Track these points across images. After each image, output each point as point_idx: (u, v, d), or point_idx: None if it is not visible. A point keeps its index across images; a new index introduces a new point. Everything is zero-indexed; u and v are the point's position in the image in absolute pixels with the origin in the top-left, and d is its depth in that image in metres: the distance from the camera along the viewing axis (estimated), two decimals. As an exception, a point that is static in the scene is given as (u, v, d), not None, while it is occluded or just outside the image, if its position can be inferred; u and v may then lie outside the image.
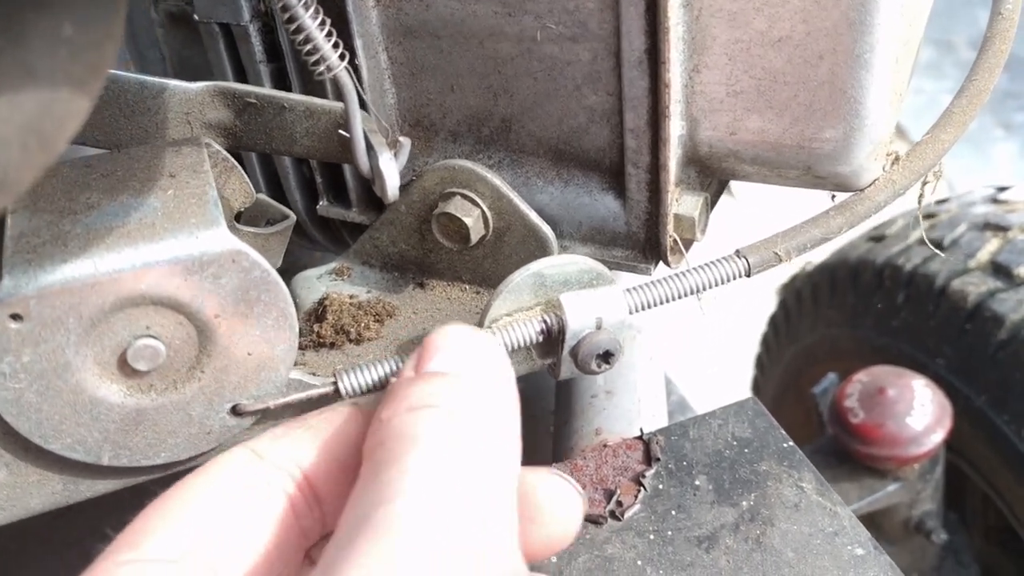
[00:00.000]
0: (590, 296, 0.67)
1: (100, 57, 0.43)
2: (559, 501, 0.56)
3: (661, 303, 0.69)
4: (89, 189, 0.63)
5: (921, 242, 1.40)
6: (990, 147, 3.66)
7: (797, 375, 1.66)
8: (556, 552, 0.58)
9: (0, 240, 0.60)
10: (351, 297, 0.79)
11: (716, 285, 0.69)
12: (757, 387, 1.84)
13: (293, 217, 0.75)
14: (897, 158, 0.73)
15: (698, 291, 0.69)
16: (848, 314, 1.52)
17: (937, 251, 1.34)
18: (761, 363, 1.80)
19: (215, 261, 0.60)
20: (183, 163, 0.65)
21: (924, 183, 0.80)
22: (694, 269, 0.68)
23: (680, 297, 0.69)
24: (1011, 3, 0.77)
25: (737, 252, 0.69)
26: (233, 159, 0.71)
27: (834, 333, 1.56)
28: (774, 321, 1.74)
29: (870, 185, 0.71)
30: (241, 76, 0.79)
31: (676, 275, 0.68)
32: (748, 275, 0.70)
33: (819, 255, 1.61)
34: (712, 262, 0.69)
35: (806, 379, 1.58)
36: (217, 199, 0.62)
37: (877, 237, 1.51)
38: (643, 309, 0.68)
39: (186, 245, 0.59)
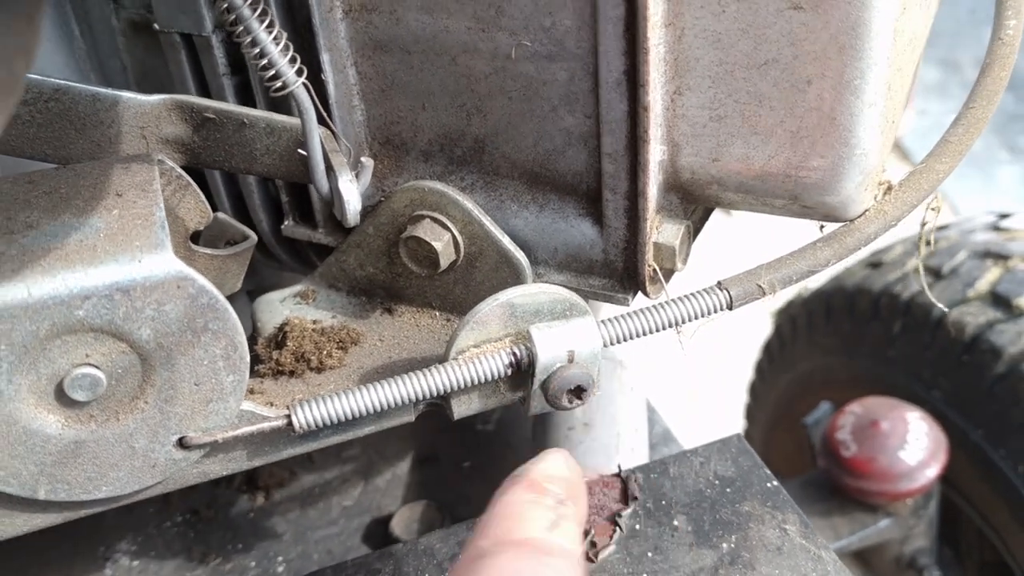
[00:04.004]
0: (562, 328, 0.63)
1: (9, 73, 0.40)
2: None
3: (637, 336, 0.65)
4: (30, 207, 0.59)
5: (918, 272, 1.36)
6: (995, 170, 3.62)
7: (791, 403, 1.62)
8: None
9: None
10: (314, 322, 0.76)
11: (696, 318, 0.66)
12: (750, 415, 1.80)
13: (254, 237, 0.71)
14: (890, 187, 0.69)
15: (677, 324, 0.65)
16: (844, 342, 1.48)
17: (930, 295, 1.30)
18: (755, 390, 1.76)
19: (159, 287, 0.56)
20: (131, 181, 0.62)
21: (923, 225, 0.77)
22: (673, 301, 0.65)
23: (657, 330, 0.65)
24: (1012, 28, 0.74)
25: (719, 284, 0.66)
26: (189, 177, 0.67)
27: (829, 361, 1.52)
28: (768, 348, 1.70)
29: (860, 216, 0.67)
30: (204, 89, 0.75)
31: (654, 307, 0.65)
32: (730, 308, 0.66)
33: (815, 281, 1.58)
34: (692, 294, 0.65)
35: (800, 408, 1.54)
36: (164, 220, 0.58)
37: (875, 264, 1.47)
38: (618, 342, 0.65)
39: (128, 270, 0.56)
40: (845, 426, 1.21)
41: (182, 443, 0.62)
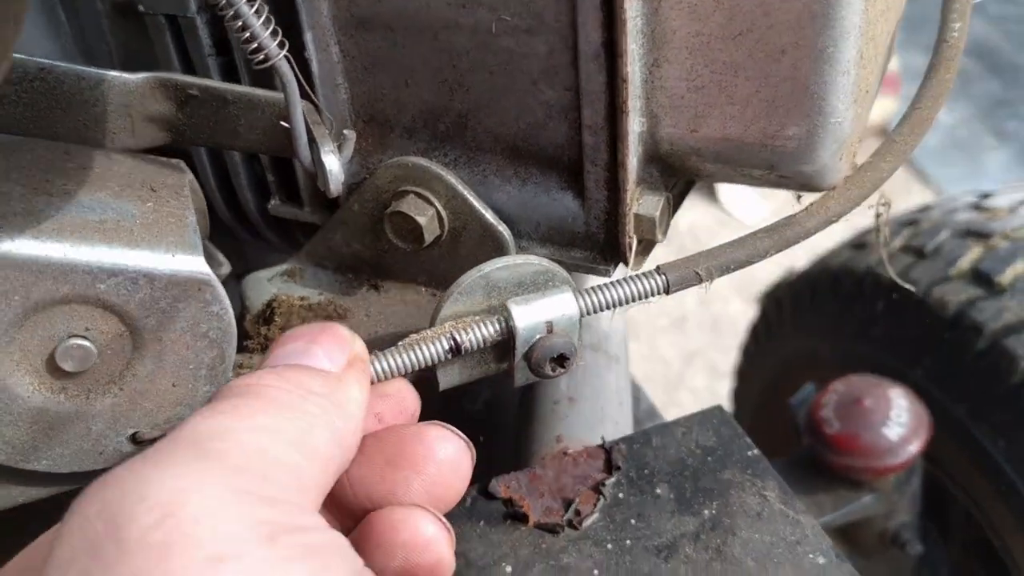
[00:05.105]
0: (539, 300, 0.64)
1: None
2: (445, 451, 0.56)
3: (584, 315, 0.66)
4: (65, 176, 0.61)
5: (901, 249, 1.38)
6: (982, 155, 3.64)
7: (777, 385, 1.64)
8: (447, 508, 0.57)
9: None
10: (302, 299, 0.77)
11: (633, 300, 0.66)
12: (737, 398, 1.81)
13: (228, 268, 0.73)
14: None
15: (613, 306, 0.66)
16: (829, 323, 1.49)
17: (905, 285, 1.31)
18: (741, 373, 1.78)
19: (181, 284, 0.58)
20: (164, 181, 0.64)
21: (878, 216, 0.78)
22: (610, 284, 0.65)
23: (597, 311, 0.66)
24: (956, 31, 0.75)
25: (658, 268, 0.67)
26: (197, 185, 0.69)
27: (814, 342, 1.54)
28: (754, 330, 1.72)
29: (836, 184, 0.69)
30: (189, 70, 0.76)
31: (593, 288, 0.65)
32: (667, 292, 0.67)
33: (800, 263, 1.59)
34: (631, 277, 0.66)
35: (786, 389, 1.56)
36: (196, 226, 0.61)
37: (859, 245, 1.49)
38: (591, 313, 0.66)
39: (161, 259, 0.58)
40: (829, 404, 1.22)
41: (135, 438, 0.63)
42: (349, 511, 0.56)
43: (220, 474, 0.41)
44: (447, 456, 0.56)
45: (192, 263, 0.59)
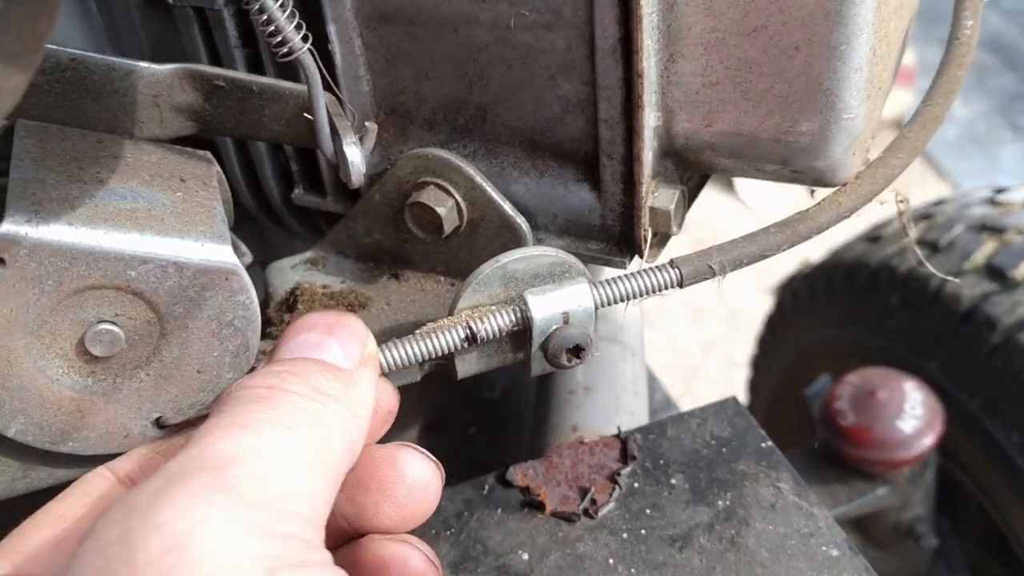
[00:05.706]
0: (555, 291, 0.65)
1: (34, 31, 0.42)
2: (414, 474, 0.57)
3: (600, 306, 0.67)
4: (98, 164, 0.62)
5: (916, 243, 1.38)
6: (998, 149, 3.63)
7: (793, 377, 1.65)
8: (416, 525, 0.58)
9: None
10: (324, 287, 0.78)
11: (648, 293, 0.67)
12: (753, 388, 1.82)
13: (250, 257, 0.74)
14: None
15: (628, 298, 0.67)
16: (843, 315, 1.50)
17: (938, 273, 1.32)
18: (757, 365, 1.79)
19: (209, 273, 0.60)
20: (192, 171, 0.66)
21: (900, 214, 0.79)
22: (625, 276, 0.66)
23: (612, 303, 0.67)
24: (969, 29, 0.76)
25: (672, 262, 0.68)
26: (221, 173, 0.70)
27: (829, 334, 1.54)
28: (770, 322, 1.73)
29: (848, 179, 0.70)
30: (216, 61, 0.78)
31: (608, 281, 0.66)
32: (681, 285, 0.68)
33: (816, 256, 1.60)
34: (646, 270, 0.67)
35: (801, 381, 1.56)
36: (224, 216, 0.62)
37: (873, 238, 1.50)
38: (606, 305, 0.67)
39: (191, 249, 0.59)
40: (843, 396, 1.23)
41: (159, 422, 0.65)
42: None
43: (236, 508, 0.42)
44: (416, 479, 0.58)
45: (220, 253, 0.60)
